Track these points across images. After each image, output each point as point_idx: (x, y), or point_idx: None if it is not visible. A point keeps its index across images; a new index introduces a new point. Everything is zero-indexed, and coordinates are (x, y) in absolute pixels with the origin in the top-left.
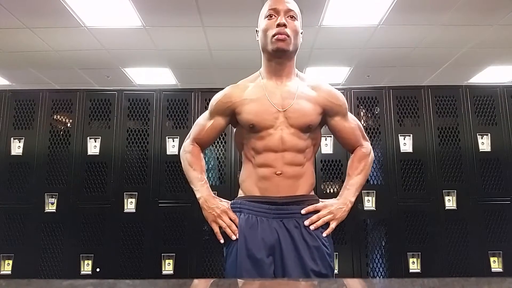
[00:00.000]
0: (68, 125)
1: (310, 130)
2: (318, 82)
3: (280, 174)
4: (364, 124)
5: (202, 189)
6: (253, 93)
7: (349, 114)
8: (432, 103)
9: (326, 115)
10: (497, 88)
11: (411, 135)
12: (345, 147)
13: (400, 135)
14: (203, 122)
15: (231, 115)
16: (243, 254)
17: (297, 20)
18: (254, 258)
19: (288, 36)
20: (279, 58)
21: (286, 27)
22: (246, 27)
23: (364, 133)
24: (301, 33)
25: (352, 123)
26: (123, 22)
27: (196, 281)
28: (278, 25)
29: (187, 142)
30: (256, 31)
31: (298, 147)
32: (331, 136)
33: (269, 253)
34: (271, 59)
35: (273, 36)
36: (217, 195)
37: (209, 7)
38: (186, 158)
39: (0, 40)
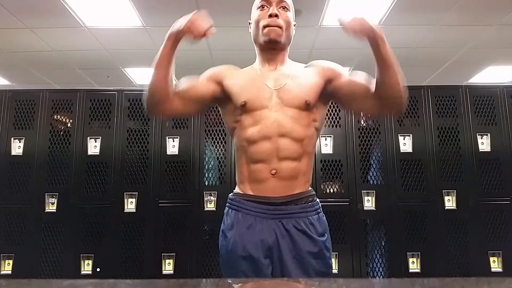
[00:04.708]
0: (68, 125)
1: (309, 109)
2: (312, 61)
3: (275, 174)
4: (364, 124)
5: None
6: (246, 73)
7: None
8: (432, 103)
9: (328, 84)
10: (497, 88)
11: (411, 135)
12: (362, 98)
13: (400, 135)
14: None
15: (220, 85)
16: (239, 255)
17: (289, 11)
18: (250, 259)
19: (280, 26)
20: (272, 49)
21: (278, 18)
22: (246, 27)
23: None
24: (294, 25)
25: (352, 76)
26: (123, 22)
27: (196, 281)
28: (270, 16)
29: None
30: (249, 23)
31: (295, 133)
32: (331, 136)
33: (267, 254)
34: (263, 50)
35: (265, 26)
36: (217, 195)
37: (209, 7)
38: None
39: (0, 40)
